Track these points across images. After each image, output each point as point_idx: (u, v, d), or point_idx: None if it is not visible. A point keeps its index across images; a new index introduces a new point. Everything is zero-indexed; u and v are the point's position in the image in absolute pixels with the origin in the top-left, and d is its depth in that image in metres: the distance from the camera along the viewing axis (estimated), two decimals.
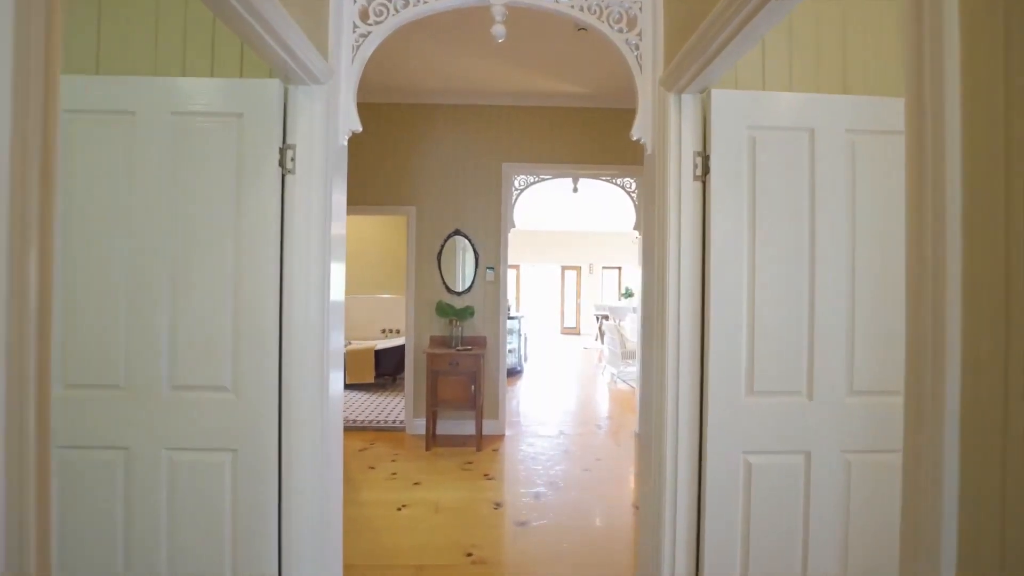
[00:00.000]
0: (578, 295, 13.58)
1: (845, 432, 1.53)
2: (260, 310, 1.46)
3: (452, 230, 4.23)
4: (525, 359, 8.26)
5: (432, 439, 3.99)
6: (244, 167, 1.46)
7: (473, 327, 4.23)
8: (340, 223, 1.68)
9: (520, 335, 7.25)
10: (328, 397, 1.56)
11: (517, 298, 13.29)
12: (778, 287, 1.52)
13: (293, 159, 1.50)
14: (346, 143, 1.68)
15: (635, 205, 4.39)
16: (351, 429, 4.36)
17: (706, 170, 1.54)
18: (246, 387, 1.46)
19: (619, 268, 13.60)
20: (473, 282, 4.24)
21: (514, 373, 7.14)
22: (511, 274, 13.21)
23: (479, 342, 4.19)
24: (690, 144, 1.55)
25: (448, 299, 4.22)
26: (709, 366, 1.51)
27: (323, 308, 1.53)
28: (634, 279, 13.37)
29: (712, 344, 1.50)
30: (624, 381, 6.79)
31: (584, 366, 8.33)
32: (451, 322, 4.08)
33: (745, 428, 1.52)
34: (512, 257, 13.01)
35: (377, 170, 4.23)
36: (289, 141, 1.51)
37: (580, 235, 13.21)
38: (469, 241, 4.23)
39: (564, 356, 9.47)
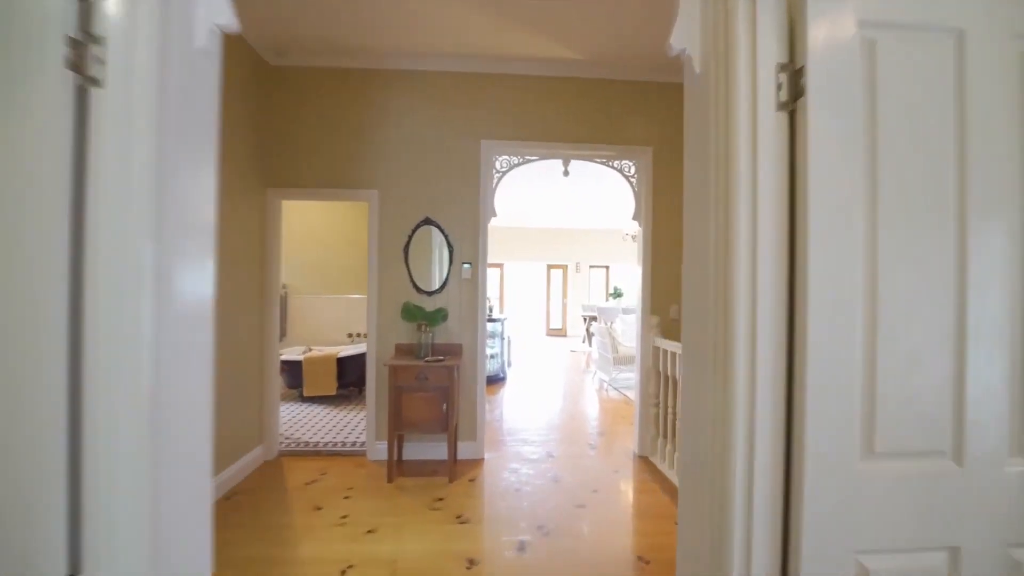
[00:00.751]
0: (564, 295, 13.04)
1: (1012, 515, 0.96)
2: (28, 322, 0.82)
3: (421, 219, 3.59)
4: (508, 364, 7.66)
5: (396, 467, 3.36)
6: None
7: (446, 333, 3.60)
8: (202, 192, 1.05)
9: (503, 339, 6.64)
10: (169, 464, 0.93)
11: (501, 299, 12.69)
12: (912, 284, 0.94)
13: (102, 61, 0.87)
14: (217, 50, 1.05)
15: (634, 191, 3.82)
16: (301, 454, 3.69)
17: (796, 93, 0.95)
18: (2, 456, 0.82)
19: (607, 267, 13.11)
20: (447, 280, 3.61)
21: (496, 380, 6.54)
22: (493, 273, 12.67)
23: (453, 351, 3.56)
24: (771, 52, 0.96)
25: (417, 300, 3.59)
26: (804, 409, 0.92)
27: (153, 317, 0.90)
28: (623, 278, 12.90)
29: (809, 373, 0.91)
30: (616, 389, 6.24)
31: (571, 371, 7.77)
32: (420, 327, 3.45)
33: (859, 511, 0.93)
34: (496, 255, 12.41)
35: (329, 146, 3.58)
36: (96, 30, 0.87)
37: (566, 232, 12.67)
38: (442, 232, 3.60)
39: (550, 360, 8.89)
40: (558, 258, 12.88)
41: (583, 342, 10.91)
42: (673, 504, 2.92)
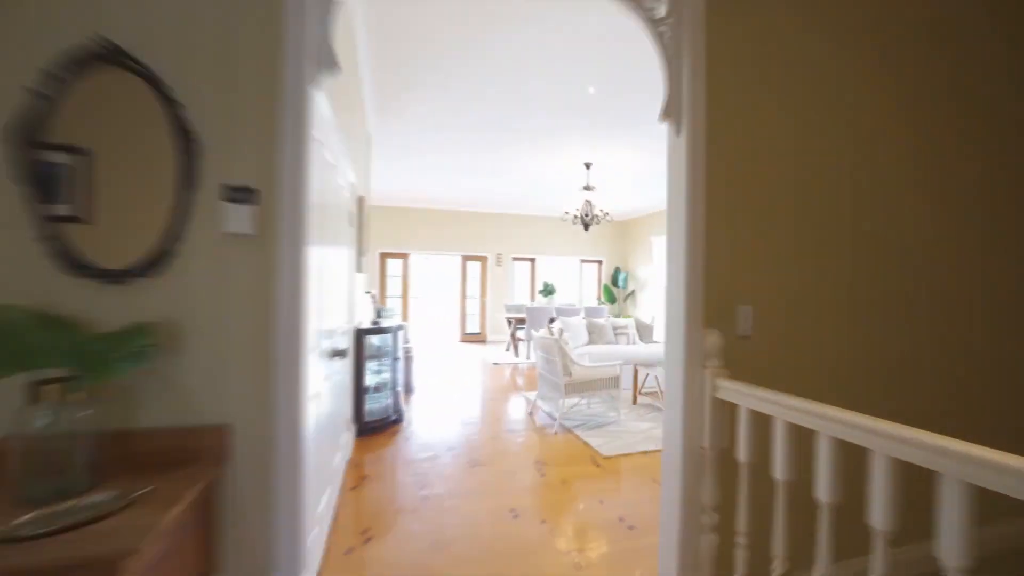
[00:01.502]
0: (483, 292, 10.86)
1: None
2: None
3: (93, 47, 1.18)
4: (410, 391, 5.33)
5: None
6: None
7: (176, 395, 1.22)
8: None
9: (395, 358, 4.27)
10: None
11: (404, 299, 10.16)
12: None
13: None
14: None
15: (667, 60, 1.73)
16: None
17: None
18: None
19: (532, 260, 11.17)
20: (178, 233, 1.23)
21: (385, 426, 4.16)
22: (395, 264, 10.14)
23: (195, 452, 1.19)
24: None
25: (73, 300, 1.17)
26: None
27: None
28: (553, 272, 11.09)
29: None
30: (566, 428, 4.18)
31: (497, 395, 5.58)
32: (40, 389, 1.05)
33: None
34: (399, 243, 9.74)
35: None
36: None
37: (485, 217, 10.54)
38: (158, 91, 1.21)
39: (467, 377, 6.63)
40: (476, 248, 10.68)
41: (507, 350, 8.84)
42: None
